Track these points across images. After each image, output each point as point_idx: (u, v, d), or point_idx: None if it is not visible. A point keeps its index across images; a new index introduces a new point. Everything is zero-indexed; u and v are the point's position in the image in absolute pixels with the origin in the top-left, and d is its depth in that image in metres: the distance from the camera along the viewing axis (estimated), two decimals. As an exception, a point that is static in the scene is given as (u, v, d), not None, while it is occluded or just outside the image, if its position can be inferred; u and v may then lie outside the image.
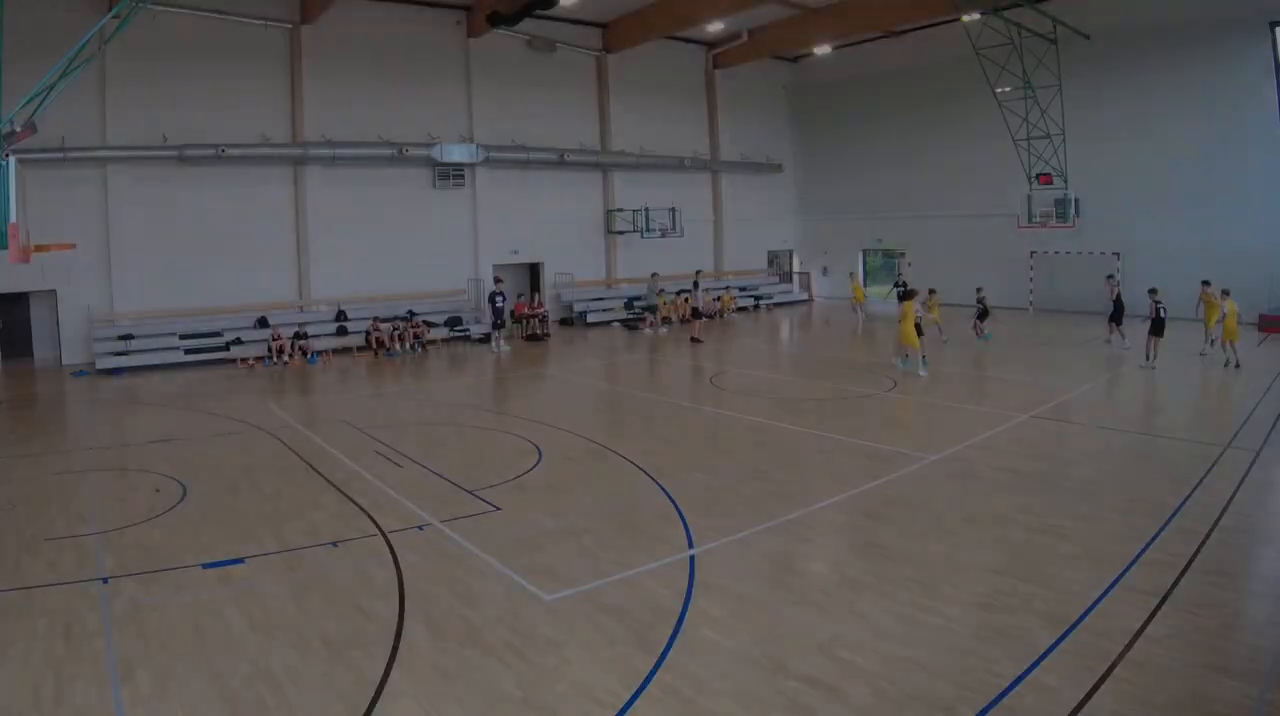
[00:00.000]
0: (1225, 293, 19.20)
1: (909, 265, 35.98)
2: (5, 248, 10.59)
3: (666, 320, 29.21)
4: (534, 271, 32.22)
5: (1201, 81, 26.80)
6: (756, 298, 36.20)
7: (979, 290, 24.11)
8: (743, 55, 35.16)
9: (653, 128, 33.98)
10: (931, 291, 23.04)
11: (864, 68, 36.46)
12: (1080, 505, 9.88)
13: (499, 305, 24.78)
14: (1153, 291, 19.30)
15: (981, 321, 23.99)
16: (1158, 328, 18.98)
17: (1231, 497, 9.98)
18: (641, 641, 6.77)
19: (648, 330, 28.75)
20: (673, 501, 10.42)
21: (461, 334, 26.96)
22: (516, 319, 28.31)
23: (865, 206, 37.55)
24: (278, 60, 25.44)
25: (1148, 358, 19.05)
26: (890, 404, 16.23)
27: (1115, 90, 28.73)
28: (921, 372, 18.37)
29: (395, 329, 25.20)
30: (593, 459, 12.74)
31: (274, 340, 23.19)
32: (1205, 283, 20.44)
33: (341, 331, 25.55)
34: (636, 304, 30.78)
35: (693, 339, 25.75)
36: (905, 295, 19.26)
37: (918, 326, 18.56)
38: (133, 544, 9.19)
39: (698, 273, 28.97)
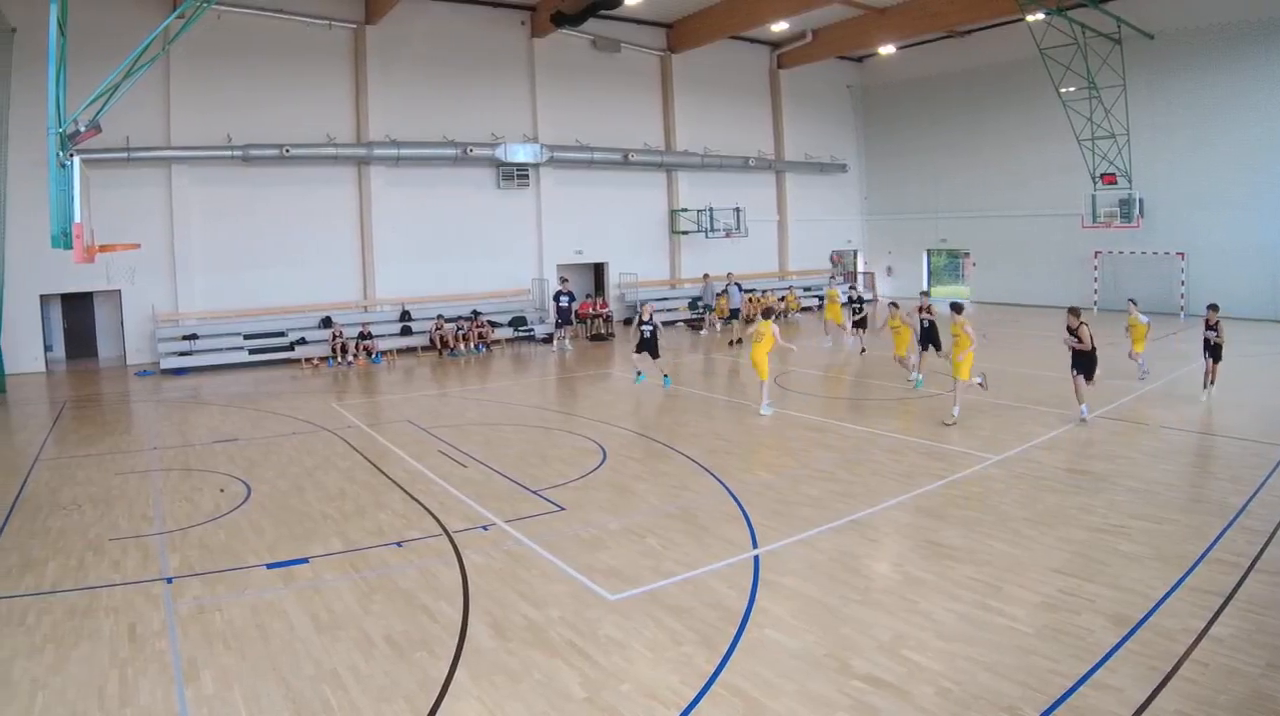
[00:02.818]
0: (1132, 302, 17.71)
1: (974, 265, 35.52)
2: (70, 248, 10.67)
3: (712, 323, 28.71)
4: (598, 271, 32.25)
5: (1267, 80, 26.24)
6: (820, 297, 35.58)
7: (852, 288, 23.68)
8: (807, 55, 34.92)
9: (717, 127, 33.82)
10: (893, 304, 19.29)
11: (929, 68, 36.16)
12: (1144, 505, 9.77)
13: (563, 305, 24.75)
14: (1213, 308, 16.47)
15: (861, 328, 23.29)
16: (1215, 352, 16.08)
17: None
18: (706, 641, 6.73)
19: (704, 331, 28.74)
20: (737, 501, 10.33)
21: (526, 334, 26.98)
22: (581, 319, 28.26)
23: (929, 206, 37.26)
24: (342, 60, 25.73)
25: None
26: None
27: (1180, 90, 28.37)
28: (764, 411, 15.42)
29: (459, 329, 25.30)
30: (656, 458, 12.60)
31: (334, 339, 23.40)
32: (894, 304, 18.07)
33: (406, 331, 25.71)
34: (699, 304, 30.55)
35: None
36: (766, 313, 16.30)
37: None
38: (197, 544, 9.23)
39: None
